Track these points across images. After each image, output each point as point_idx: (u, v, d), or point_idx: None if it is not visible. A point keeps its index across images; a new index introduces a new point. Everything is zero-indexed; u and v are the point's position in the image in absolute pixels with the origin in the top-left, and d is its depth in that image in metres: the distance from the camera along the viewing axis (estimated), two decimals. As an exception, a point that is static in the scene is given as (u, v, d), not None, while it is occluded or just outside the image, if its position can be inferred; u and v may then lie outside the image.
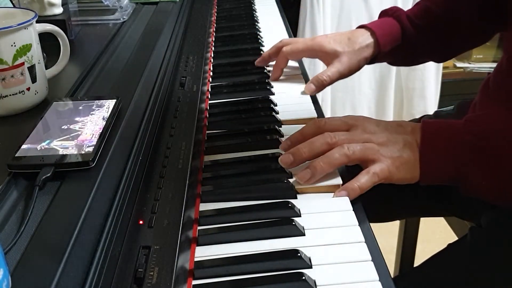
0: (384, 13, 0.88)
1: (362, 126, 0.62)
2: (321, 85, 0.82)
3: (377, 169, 0.58)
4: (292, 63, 0.91)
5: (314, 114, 0.76)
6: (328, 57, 0.84)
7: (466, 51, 0.95)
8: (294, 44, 0.86)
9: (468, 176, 0.59)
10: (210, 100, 0.81)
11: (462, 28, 0.85)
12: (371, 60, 0.86)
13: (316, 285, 0.46)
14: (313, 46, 0.85)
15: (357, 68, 0.84)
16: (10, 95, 0.61)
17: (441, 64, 2.01)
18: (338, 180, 0.59)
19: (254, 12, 1.24)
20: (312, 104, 0.79)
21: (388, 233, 1.25)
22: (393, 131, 0.62)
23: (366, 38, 0.84)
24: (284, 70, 0.88)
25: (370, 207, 0.56)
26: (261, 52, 0.98)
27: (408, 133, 0.61)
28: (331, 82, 0.82)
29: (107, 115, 0.58)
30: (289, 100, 0.81)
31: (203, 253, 0.50)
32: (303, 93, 0.82)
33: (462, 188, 0.61)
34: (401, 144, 0.61)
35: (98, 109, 0.59)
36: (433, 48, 0.87)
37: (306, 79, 0.87)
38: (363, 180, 0.58)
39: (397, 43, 0.84)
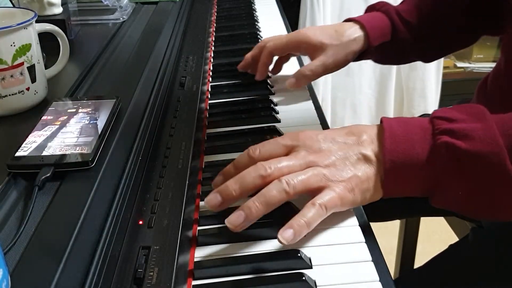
0: (371, 8, 0.84)
1: (305, 146, 0.53)
2: (303, 80, 0.77)
3: (324, 199, 0.49)
4: (292, 62, 0.90)
5: (314, 114, 0.76)
6: (314, 49, 0.78)
7: (454, 52, 0.93)
8: (277, 39, 0.81)
9: (443, 185, 0.50)
10: (210, 100, 0.81)
11: (447, 28, 0.83)
12: (358, 56, 0.81)
13: (316, 286, 0.46)
14: (297, 38, 0.79)
15: (344, 62, 0.79)
16: (9, 95, 0.60)
17: (442, 64, 2.01)
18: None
19: (254, 12, 1.24)
20: (312, 104, 0.79)
21: (388, 233, 1.25)
22: (343, 145, 0.53)
23: (354, 31, 0.79)
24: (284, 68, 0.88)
25: (370, 207, 0.55)
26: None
27: (362, 143, 0.53)
28: (315, 76, 0.77)
29: (106, 115, 0.58)
30: (289, 99, 0.80)
31: (203, 253, 0.50)
32: (286, 86, 0.78)
33: (434, 199, 0.52)
34: (353, 159, 0.52)
35: (98, 109, 0.59)
36: (421, 47, 0.83)
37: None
38: (310, 214, 0.48)
39: (387, 39, 0.81)
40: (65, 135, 0.54)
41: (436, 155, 0.49)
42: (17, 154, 0.50)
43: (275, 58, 0.85)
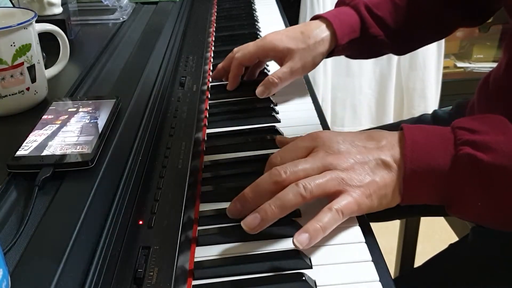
0: (341, 2, 0.83)
1: (324, 146, 0.52)
2: (272, 87, 0.76)
3: (341, 204, 0.49)
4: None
5: (314, 114, 0.76)
6: (281, 55, 0.77)
7: (428, 44, 0.90)
8: (245, 48, 0.80)
9: (462, 196, 0.50)
10: (210, 100, 0.81)
11: (424, 19, 0.82)
12: (329, 53, 0.80)
13: (316, 286, 0.46)
14: (264, 46, 0.78)
15: (312, 65, 0.78)
16: (9, 95, 0.60)
17: (442, 64, 2.01)
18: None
19: (254, 12, 1.24)
20: (312, 104, 0.79)
21: (388, 233, 1.25)
22: (362, 149, 0.52)
23: (321, 31, 0.77)
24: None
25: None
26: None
27: (382, 148, 0.52)
28: (283, 83, 0.76)
29: (106, 115, 0.58)
30: (289, 99, 0.80)
31: (203, 253, 0.50)
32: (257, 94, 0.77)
33: (452, 209, 0.52)
34: (372, 164, 0.51)
35: (98, 109, 0.59)
36: (393, 40, 0.81)
37: (306, 78, 0.87)
38: (326, 219, 0.48)
39: (355, 35, 0.78)
40: (66, 134, 0.54)
41: (457, 166, 0.49)
42: (17, 154, 0.50)
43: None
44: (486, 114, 0.53)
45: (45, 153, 0.51)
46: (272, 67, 0.87)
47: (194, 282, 0.47)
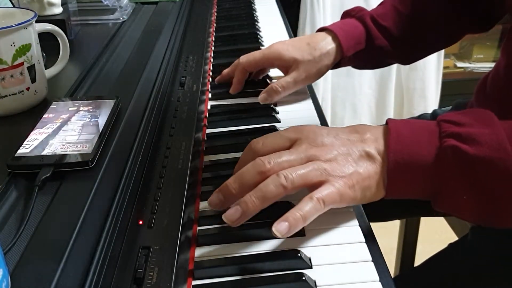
0: (346, 14, 0.83)
1: (308, 139, 0.52)
2: (274, 95, 0.76)
3: (323, 193, 0.48)
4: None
5: (314, 114, 0.76)
6: (287, 65, 0.78)
7: (434, 52, 0.90)
8: (251, 55, 0.80)
9: (447, 189, 0.49)
10: (210, 100, 0.81)
11: (430, 28, 0.82)
12: (335, 65, 0.81)
13: (316, 286, 0.46)
14: (270, 55, 0.79)
15: (316, 76, 0.79)
16: (9, 95, 0.60)
17: (442, 64, 2.01)
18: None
19: (254, 12, 1.24)
20: (312, 104, 0.79)
21: (388, 233, 1.25)
22: (346, 141, 0.52)
23: (327, 43, 0.78)
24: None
25: (370, 207, 0.55)
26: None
27: (366, 141, 0.52)
28: (286, 92, 0.77)
29: (106, 115, 0.58)
30: (289, 99, 0.80)
31: (203, 253, 0.50)
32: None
33: (437, 203, 0.51)
34: (356, 156, 0.51)
35: (98, 109, 0.59)
36: (399, 50, 0.82)
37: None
38: (307, 208, 0.48)
39: (361, 47, 0.79)
40: (67, 133, 0.54)
41: (442, 158, 0.48)
42: (17, 154, 0.50)
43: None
44: (472, 108, 0.53)
45: (46, 151, 0.51)
46: (274, 72, 0.87)
47: (194, 282, 0.47)
